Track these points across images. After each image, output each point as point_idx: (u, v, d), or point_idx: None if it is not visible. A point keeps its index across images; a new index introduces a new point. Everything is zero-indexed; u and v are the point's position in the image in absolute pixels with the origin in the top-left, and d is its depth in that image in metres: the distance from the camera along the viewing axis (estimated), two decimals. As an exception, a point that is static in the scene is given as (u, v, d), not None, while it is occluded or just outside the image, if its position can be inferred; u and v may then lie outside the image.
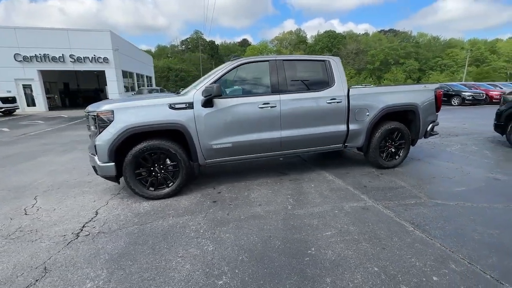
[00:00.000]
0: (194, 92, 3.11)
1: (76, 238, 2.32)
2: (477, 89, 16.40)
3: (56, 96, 20.24)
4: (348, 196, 3.05)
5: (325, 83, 3.61)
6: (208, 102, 3.07)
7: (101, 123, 2.87)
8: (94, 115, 2.90)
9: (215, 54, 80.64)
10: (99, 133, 2.88)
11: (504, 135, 5.43)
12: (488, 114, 11.12)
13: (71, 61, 15.84)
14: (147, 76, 24.62)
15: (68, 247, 2.18)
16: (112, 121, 2.86)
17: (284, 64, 3.45)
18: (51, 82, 19.71)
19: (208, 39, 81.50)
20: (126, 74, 18.54)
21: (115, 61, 16.34)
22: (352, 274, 1.77)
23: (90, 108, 3.07)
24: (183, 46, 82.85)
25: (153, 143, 2.95)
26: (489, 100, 15.86)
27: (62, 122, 11.79)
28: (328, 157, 4.82)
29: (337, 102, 3.55)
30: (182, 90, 4.00)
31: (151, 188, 3.08)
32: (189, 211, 2.79)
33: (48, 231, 2.46)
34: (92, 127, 3.01)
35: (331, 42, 65.47)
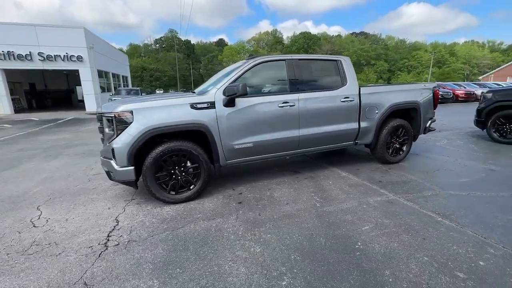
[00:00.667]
0: (215, 92, 3.02)
1: (106, 249, 2.15)
2: (444, 88, 17.79)
3: (22, 98, 18.52)
4: (368, 191, 3.16)
5: (338, 82, 3.70)
6: (230, 102, 3.00)
7: (120, 124, 2.69)
8: (111, 116, 2.71)
9: (191, 53, 79.00)
10: (117, 136, 2.70)
11: (485, 130, 5.95)
12: (459, 112, 12.12)
13: (40, 60, 14.57)
14: (123, 76, 23.41)
15: (102, 259, 2.02)
16: (132, 122, 2.69)
17: (299, 64, 3.48)
18: (15, 82, 18.00)
19: (183, 39, 79.52)
20: (101, 74, 17.48)
21: (90, 60, 15.32)
22: (407, 265, 1.84)
23: (104, 109, 2.87)
24: (157, 45, 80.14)
25: (174, 145, 2.83)
26: (455, 99, 17.30)
27: (34, 125, 10.85)
28: (333, 154, 4.94)
29: (350, 101, 3.66)
30: (176, 90, 3.87)
31: (172, 192, 2.95)
32: (218, 214, 2.71)
33: (69, 243, 2.25)
34: (107, 129, 2.81)
35: (306, 43, 67.12)
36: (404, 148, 4.28)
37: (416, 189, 3.18)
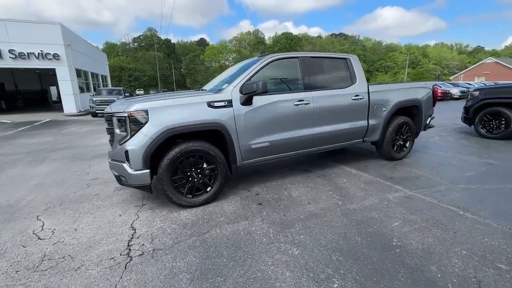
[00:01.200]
0: (232, 89, 2.91)
1: (131, 260, 1.98)
2: (423, 87, 18.72)
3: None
4: (384, 188, 3.19)
5: (348, 80, 3.72)
6: (248, 100, 2.90)
7: (134, 125, 2.50)
8: (124, 116, 2.51)
9: (172, 53, 77.17)
10: (131, 137, 2.51)
11: (472, 126, 6.28)
12: (439, 110, 12.75)
13: (11, 57, 13.44)
14: (102, 76, 22.27)
15: (130, 271, 1.85)
16: (147, 122, 2.51)
17: (312, 61, 3.45)
18: (-19, 82, 16.54)
19: (163, 37, 77.45)
20: (79, 73, 16.49)
21: (68, 58, 14.39)
22: (449, 259, 1.85)
23: (115, 108, 2.65)
24: (136, 44, 77.43)
25: (191, 145, 2.68)
26: (433, 97, 18.27)
27: (8, 128, 10.01)
28: (336, 152, 4.97)
29: (360, 99, 3.69)
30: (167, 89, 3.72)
31: (188, 195, 2.80)
32: (241, 216, 2.60)
33: (86, 255, 2.05)
34: (118, 130, 2.61)
35: (288, 44, 67.90)
36: (407, 144, 4.39)
37: (428, 184, 3.26)
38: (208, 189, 2.88)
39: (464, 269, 1.74)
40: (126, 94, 15.67)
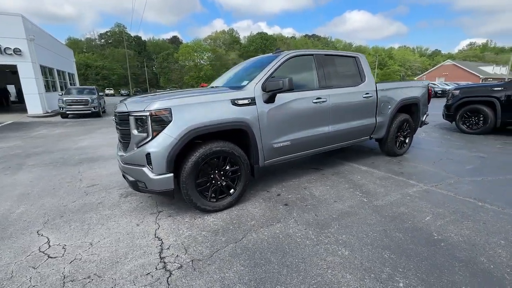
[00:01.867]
0: (254, 86, 2.78)
1: (171, 275, 1.78)
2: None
3: None
4: (400, 183, 3.27)
5: (358, 78, 3.76)
6: (271, 98, 2.80)
7: (157, 124, 2.27)
8: (145, 116, 2.27)
9: (143, 51, 73.87)
10: (153, 138, 2.28)
11: (454, 122, 6.76)
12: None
13: (-38, 52, 11.83)
14: (69, 73, 20.48)
15: (175, 286, 1.66)
16: (171, 121, 2.30)
17: (326, 59, 3.44)
18: None
19: (133, 34, 73.81)
20: (44, 71, 15.01)
21: (31, 54, 12.98)
22: (493, 250, 1.92)
23: (131, 107, 2.39)
24: (103, 41, 72.97)
25: (216, 146, 2.51)
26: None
27: (-37, 132, 8.80)
28: (338, 150, 5.03)
29: (369, 97, 3.76)
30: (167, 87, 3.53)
31: (212, 199, 2.62)
32: (272, 219, 2.49)
33: (116, 273, 1.81)
34: (136, 131, 2.35)
35: (264, 44, 68.41)
36: (407, 140, 4.58)
37: (438, 178, 3.41)
38: (231, 192, 2.73)
39: (511, 258, 1.81)
40: (101, 94, 14.63)
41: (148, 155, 2.26)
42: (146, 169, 2.32)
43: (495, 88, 5.89)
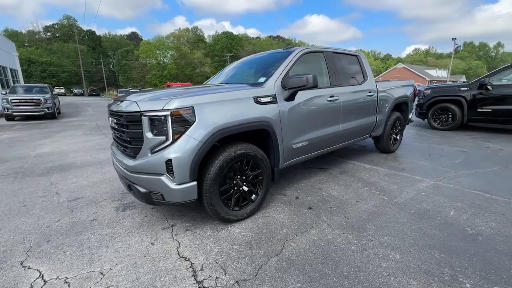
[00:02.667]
0: (274, 83, 2.58)
1: (218, 301, 1.51)
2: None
3: None
4: (408, 179, 3.35)
5: (361, 77, 3.78)
6: (292, 95, 2.63)
7: (179, 126, 1.95)
8: (163, 116, 1.93)
9: (98, 46, 68.00)
10: (173, 141, 1.95)
11: (426, 120, 7.32)
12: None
13: None
14: (11, 69, 17.78)
15: (232, 318, 1.40)
16: (194, 121, 1.99)
17: (334, 56, 3.38)
18: None
19: (85, 28, 67.55)
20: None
21: (-37, 44, 10.92)
22: (526, 240, 2.00)
23: (144, 105, 2.01)
24: (49, 34, 65.38)
25: (240, 149, 2.26)
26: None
27: None
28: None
29: (372, 95, 3.81)
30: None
31: (235, 208, 2.36)
32: (304, 225, 2.33)
33: (149, 308, 1.48)
34: (151, 134, 1.99)
35: (229, 43, 67.83)
36: (398, 137, 4.78)
37: (438, 173, 3.57)
38: (253, 198, 2.50)
39: (546, 247, 1.91)
40: (54, 93, 12.98)
41: (168, 161, 1.93)
42: (165, 178, 1.97)
43: (462, 88, 6.50)
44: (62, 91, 43.78)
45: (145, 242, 2.12)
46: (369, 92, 3.75)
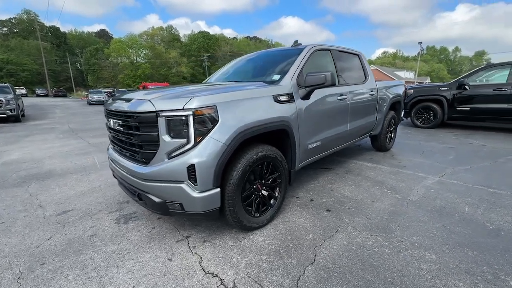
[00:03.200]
0: (290, 81, 2.46)
1: (265, 323, 1.35)
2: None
3: None
4: (413, 177, 3.40)
5: (363, 75, 3.79)
6: (308, 94, 2.52)
7: (202, 127, 1.75)
8: (184, 116, 1.72)
9: (63, 44, 63.49)
10: (195, 144, 1.75)
11: (409, 118, 7.64)
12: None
13: None
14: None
15: None
16: (218, 122, 1.80)
17: (340, 55, 3.34)
18: None
19: (48, 24, 62.74)
20: None
21: None
22: (543, 233, 2.07)
23: (160, 104, 1.77)
24: (6, 29, 59.72)
25: (261, 151, 2.10)
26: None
27: None
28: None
29: (373, 94, 3.83)
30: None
31: (256, 214, 2.20)
32: (328, 228, 2.23)
33: (187, 338, 1.28)
34: (168, 137, 1.77)
35: (206, 43, 66.77)
36: (393, 136, 4.90)
37: (437, 169, 3.68)
38: (271, 202, 2.35)
39: None
40: (17, 94, 11.78)
41: (191, 167, 1.72)
42: (185, 186, 1.76)
43: (442, 88, 6.87)
44: (23, 91, 40.08)
45: (161, 259, 1.88)
46: (371, 91, 3.77)
